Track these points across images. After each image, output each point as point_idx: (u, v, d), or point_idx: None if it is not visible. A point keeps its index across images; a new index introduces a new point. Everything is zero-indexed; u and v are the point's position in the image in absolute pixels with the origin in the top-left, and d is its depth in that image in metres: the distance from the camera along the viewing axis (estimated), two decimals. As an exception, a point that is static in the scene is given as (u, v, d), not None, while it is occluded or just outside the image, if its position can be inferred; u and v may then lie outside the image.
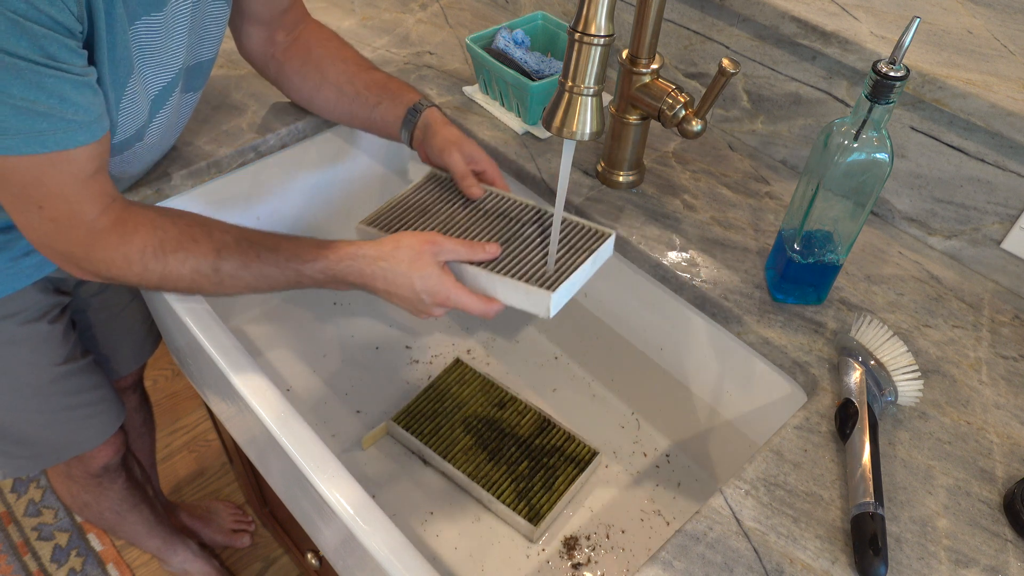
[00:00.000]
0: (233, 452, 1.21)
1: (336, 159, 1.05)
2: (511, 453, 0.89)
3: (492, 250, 0.71)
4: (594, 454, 0.89)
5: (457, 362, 0.99)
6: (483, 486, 0.86)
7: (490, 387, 0.96)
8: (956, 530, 0.59)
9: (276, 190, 1.00)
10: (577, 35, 0.59)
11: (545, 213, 0.77)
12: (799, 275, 0.73)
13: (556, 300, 0.68)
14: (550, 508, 0.84)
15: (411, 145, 0.84)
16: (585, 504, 0.88)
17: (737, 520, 0.59)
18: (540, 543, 0.84)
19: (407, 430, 0.91)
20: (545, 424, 0.92)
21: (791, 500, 0.61)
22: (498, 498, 0.85)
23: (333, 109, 0.89)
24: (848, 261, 0.81)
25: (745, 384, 0.80)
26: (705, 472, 0.91)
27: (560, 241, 0.73)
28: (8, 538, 1.53)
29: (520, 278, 0.69)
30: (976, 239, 0.80)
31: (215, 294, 0.70)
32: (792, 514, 0.60)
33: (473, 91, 1.01)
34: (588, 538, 0.85)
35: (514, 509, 0.84)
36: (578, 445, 0.90)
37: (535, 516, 0.83)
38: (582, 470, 0.88)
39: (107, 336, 1.03)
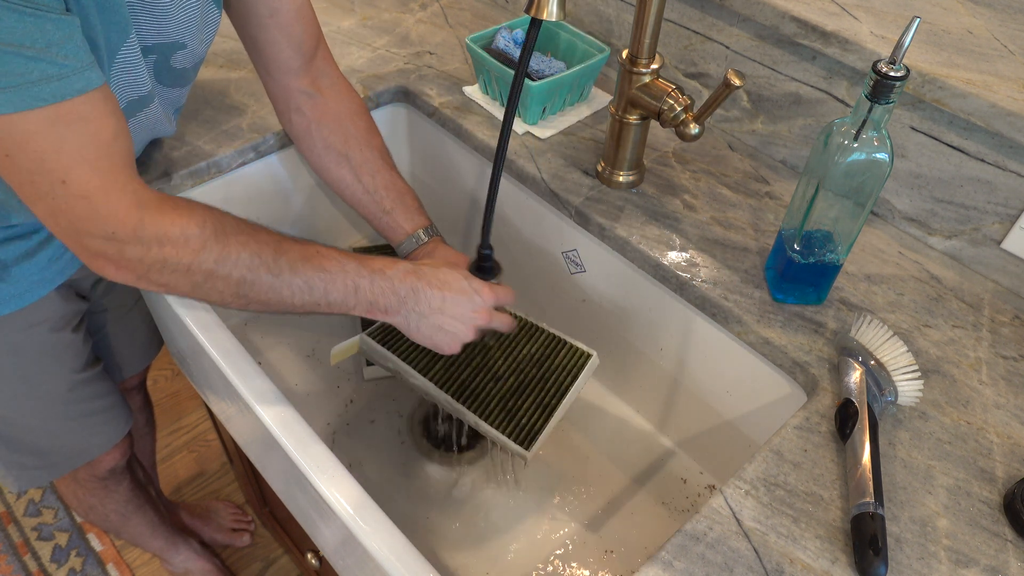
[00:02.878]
0: (233, 452, 1.21)
1: (336, 159, 1.05)
2: (497, 367, 0.80)
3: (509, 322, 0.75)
4: (587, 357, 0.82)
5: None
6: (468, 406, 0.77)
7: None
8: (956, 530, 0.59)
9: (276, 190, 1.00)
10: None
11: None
12: (799, 275, 0.73)
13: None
14: (543, 425, 0.76)
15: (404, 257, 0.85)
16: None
17: (737, 520, 0.59)
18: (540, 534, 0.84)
19: (383, 345, 0.81)
20: (533, 330, 0.84)
21: (791, 500, 0.61)
22: (485, 419, 0.76)
23: (343, 189, 0.85)
24: (848, 261, 0.81)
25: (745, 384, 0.80)
26: (705, 472, 0.91)
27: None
28: (8, 538, 1.53)
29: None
30: (976, 239, 0.80)
31: (267, 295, 0.63)
32: (792, 514, 0.60)
33: (473, 91, 1.01)
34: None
35: (503, 431, 0.75)
36: (570, 349, 0.82)
37: (527, 438, 0.75)
38: (575, 377, 0.80)
39: (115, 338, 1.03)
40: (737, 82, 0.69)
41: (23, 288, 0.80)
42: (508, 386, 0.79)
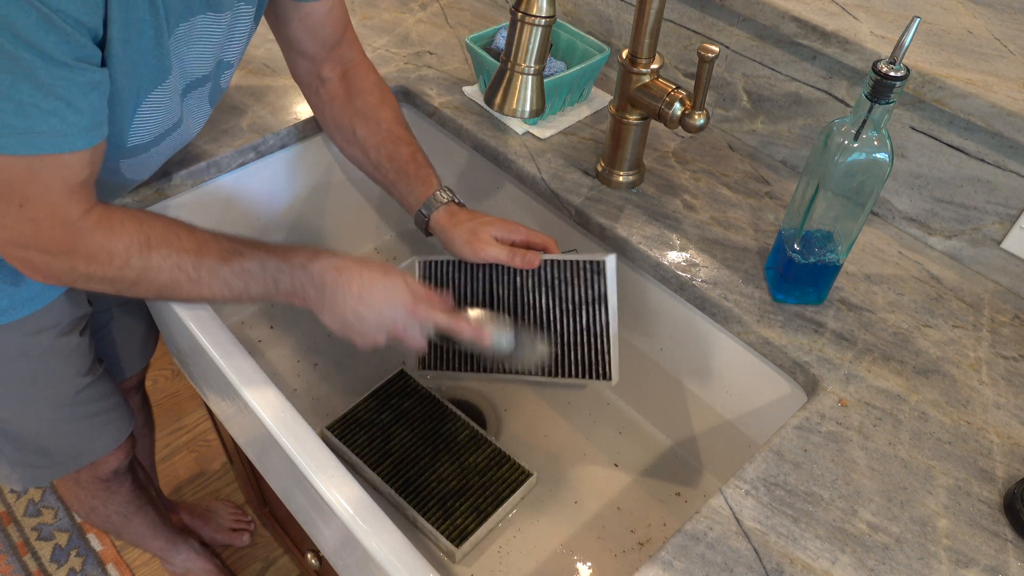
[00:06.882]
0: (233, 452, 1.21)
1: (336, 159, 1.05)
2: (443, 469, 0.86)
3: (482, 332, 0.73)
4: (527, 475, 0.87)
5: (401, 373, 0.96)
6: (409, 501, 0.84)
7: (430, 400, 0.93)
8: (956, 530, 0.59)
9: (276, 190, 1.00)
10: (519, 15, 0.60)
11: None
12: (799, 275, 0.73)
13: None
14: (476, 528, 0.82)
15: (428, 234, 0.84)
16: (579, 508, 0.88)
17: (737, 520, 0.59)
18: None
19: (340, 439, 0.89)
20: (482, 442, 0.89)
21: (791, 500, 0.61)
22: (423, 515, 0.83)
23: (360, 166, 0.88)
24: (848, 261, 0.81)
25: (745, 384, 0.80)
26: (705, 472, 0.91)
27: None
28: (8, 538, 1.53)
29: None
30: (976, 239, 0.80)
31: (189, 295, 0.68)
32: (792, 514, 0.60)
33: (473, 91, 1.01)
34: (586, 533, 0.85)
35: (437, 527, 0.82)
36: (513, 465, 0.88)
37: (458, 536, 0.81)
38: (513, 491, 0.85)
39: (116, 339, 1.03)
40: (711, 53, 0.69)
41: (35, 292, 0.80)
42: (450, 488, 0.85)
